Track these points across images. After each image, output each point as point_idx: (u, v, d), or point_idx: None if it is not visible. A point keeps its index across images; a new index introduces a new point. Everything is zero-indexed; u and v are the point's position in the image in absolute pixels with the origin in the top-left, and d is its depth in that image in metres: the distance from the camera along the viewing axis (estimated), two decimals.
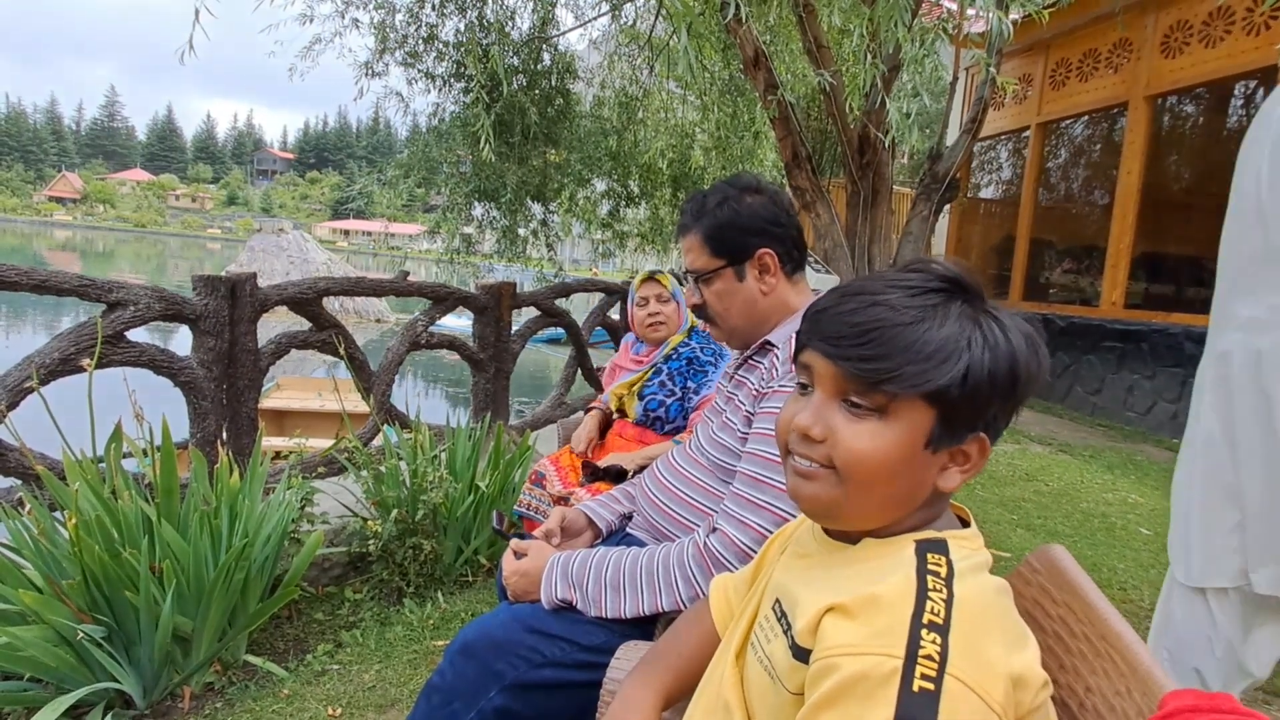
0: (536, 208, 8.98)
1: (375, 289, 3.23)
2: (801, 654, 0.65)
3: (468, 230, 8.85)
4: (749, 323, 1.30)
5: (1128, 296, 6.63)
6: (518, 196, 7.95)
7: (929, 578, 0.62)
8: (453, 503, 2.57)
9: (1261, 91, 5.95)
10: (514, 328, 3.95)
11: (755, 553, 1.07)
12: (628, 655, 0.96)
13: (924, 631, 0.58)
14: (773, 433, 1.11)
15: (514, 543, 1.30)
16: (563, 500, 2.08)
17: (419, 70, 7.84)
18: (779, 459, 1.09)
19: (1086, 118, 7.54)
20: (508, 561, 1.26)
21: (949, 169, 7.00)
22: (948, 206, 7.85)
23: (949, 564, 0.64)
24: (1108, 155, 7.26)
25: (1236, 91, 6.42)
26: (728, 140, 9.27)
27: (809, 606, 0.66)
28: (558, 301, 4.29)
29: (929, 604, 0.60)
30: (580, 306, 5.43)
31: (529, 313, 4.25)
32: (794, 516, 1.08)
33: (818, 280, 6.59)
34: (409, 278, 3.30)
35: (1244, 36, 5.62)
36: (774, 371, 1.18)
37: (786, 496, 1.08)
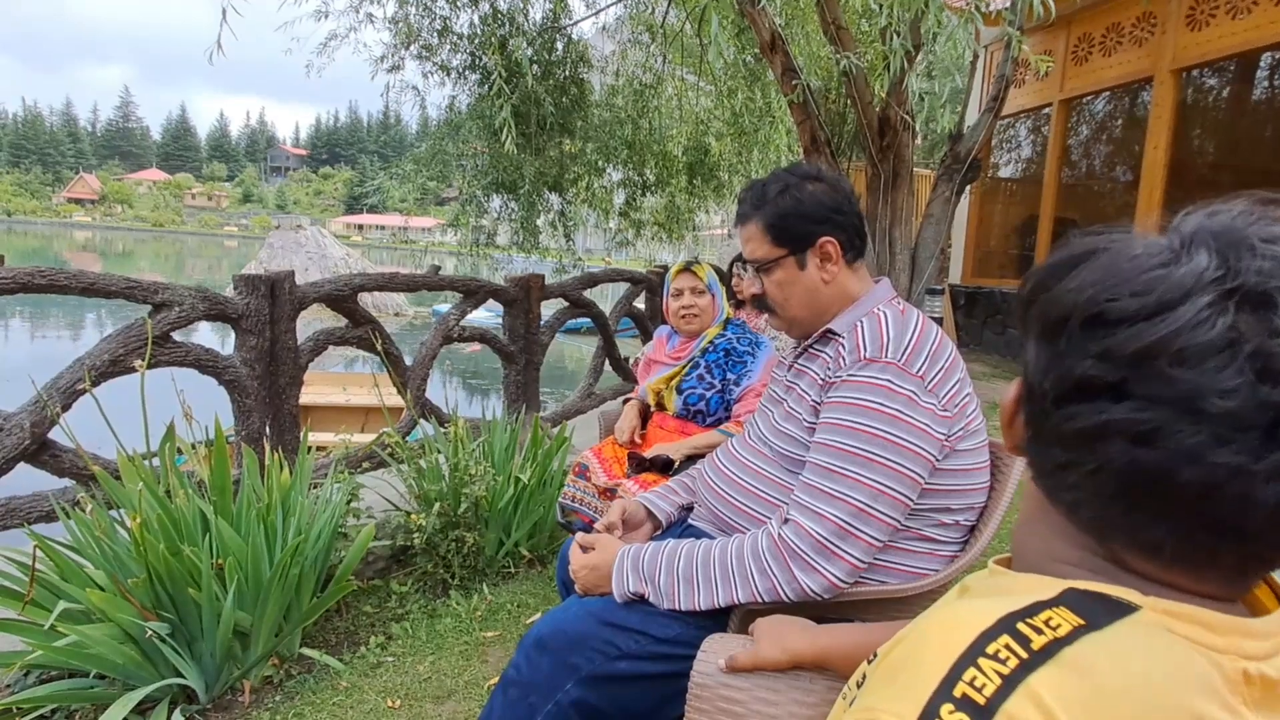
0: (554, 198, 8.98)
1: (409, 284, 3.25)
2: None
3: (484, 223, 8.87)
4: (810, 312, 1.30)
5: None
6: (535, 188, 7.96)
7: (1006, 636, 0.42)
8: (494, 495, 2.59)
9: None
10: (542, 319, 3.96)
11: (831, 544, 1.08)
12: (712, 648, 0.97)
13: (946, 707, 0.40)
14: (847, 422, 1.11)
15: (580, 536, 1.31)
16: (608, 492, 2.09)
17: (434, 63, 7.84)
18: (854, 448, 1.10)
19: (1110, 93, 7.42)
20: (575, 556, 1.27)
21: (970, 149, 6.91)
22: (969, 187, 7.77)
23: (1070, 632, 0.42)
24: (1132, 131, 7.14)
25: (1264, 63, 6.29)
26: (743, 126, 9.21)
27: None
28: (585, 293, 4.29)
29: (971, 673, 0.41)
30: (601, 297, 5.43)
31: (555, 304, 4.27)
32: (870, 507, 1.08)
33: None
34: (440, 271, 3.32)
35: (1272, 7, 5.50)
36: (841, 360, 1.17)
37: (861, 486, 1.08)
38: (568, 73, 8.55)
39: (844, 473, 1.09)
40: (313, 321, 3.08)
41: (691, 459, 2.01)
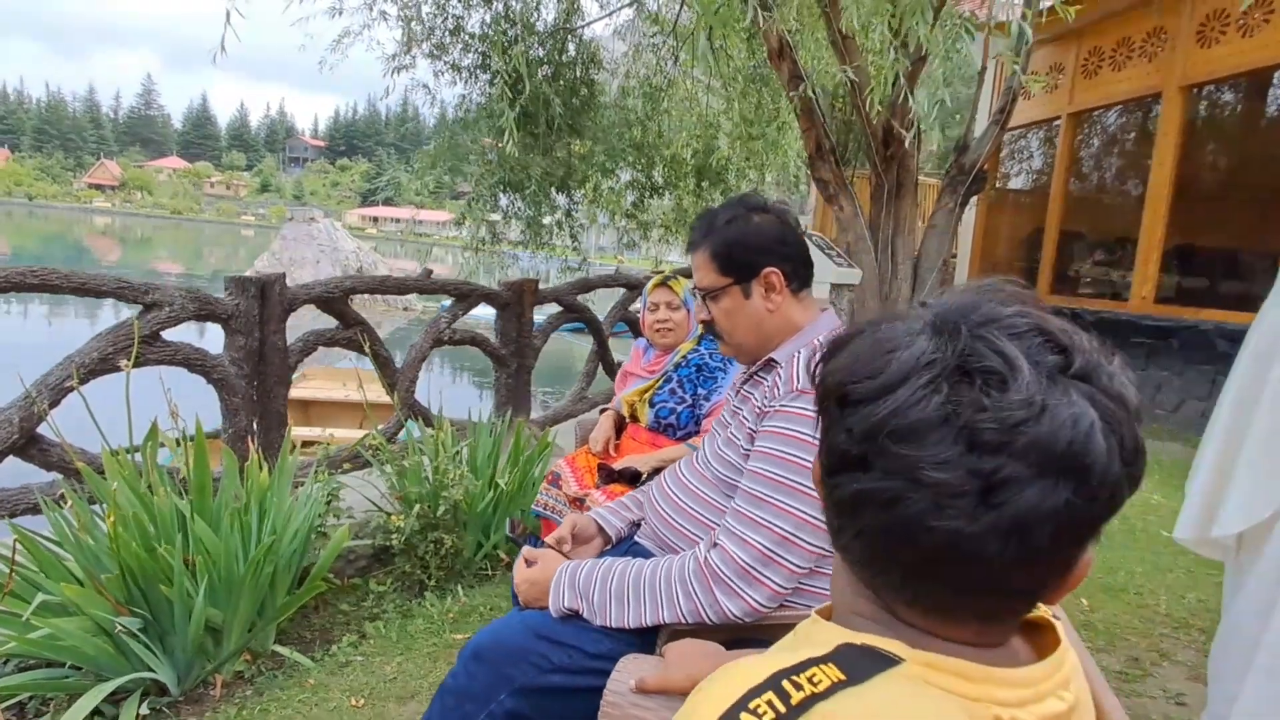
0: (561, 198, 9.03)
1: (400, 288, 3.31)
2: None
3: (494, 218, 8.94)
4: (755, 339, 1.33)
5: (1158, 291, 6.51)
6: (541, 187, 8.01)
7: (770, 692, 0.45)
8: (473, 499, 2.64)
9: None
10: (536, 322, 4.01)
11: (754, 570, 1.11)
12: (626, 668, 1.01)
13: None
14: (777, 452, 1.15)
15: (525, 550, 1.35)
16: (578, 501, 2.13)
17: (445, 62, 7.91)
18: (782, 478, 1.13)
19: (1120, 108, 7.39)
20: (519, 569, 1.32)
21: (976, 160, 6.90)
22: (976, 198, 7.76)
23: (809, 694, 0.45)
24: (1141, 146, 7.11)
25: (1276, 81, 6.24)
26: (752, 131, 9.22)
27: None
28: (579, 297, 4.34)
29: None
30: (602, 298, 5.47)
31: (551, 307, 4.31)
32: (794, 535, 1.12)
33: (838, 274, 6.52)
34: (432, 274, 3.37)
35: None
36: (776, 390, 1.21)
37: (786, 515, 1.12)
38: (578, 74, 8.59)
39: (771, 501, 1.13)
40: (321, 318, 3.11)
41: (658, 472, 2.04)
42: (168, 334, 2.60)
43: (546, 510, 2.29)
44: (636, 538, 1.45)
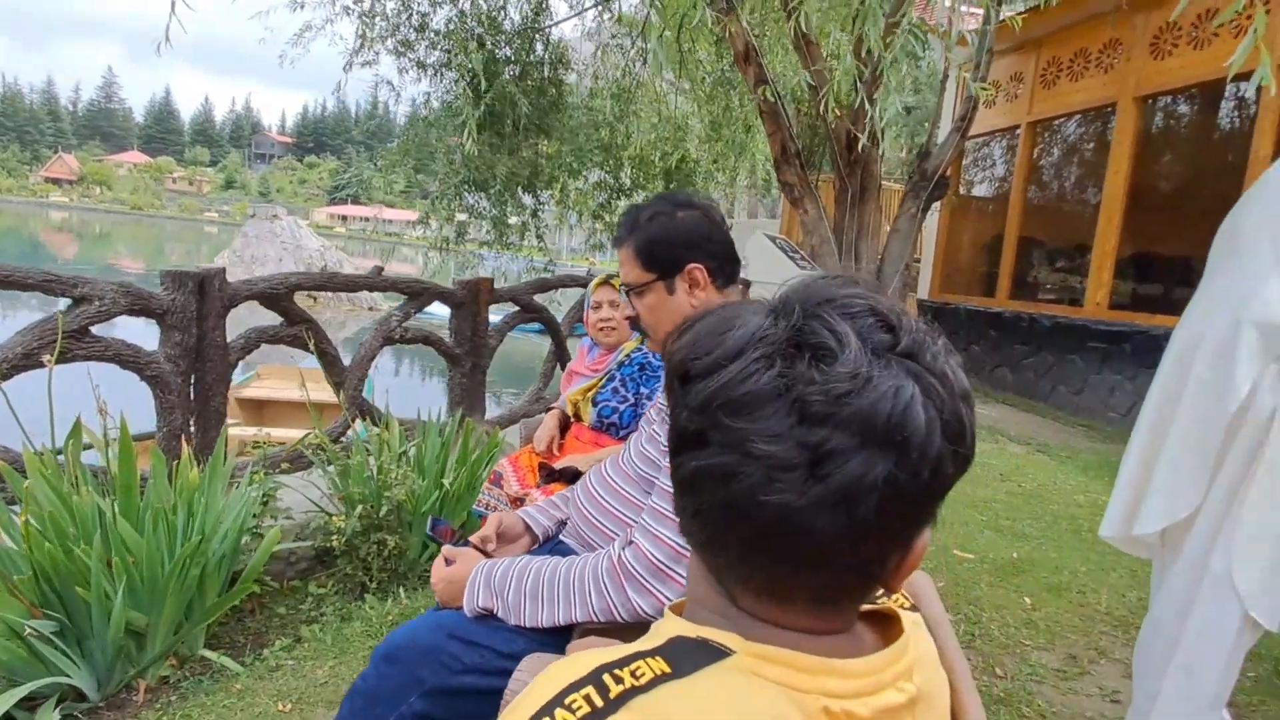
0: (528, 198, 8.98)
1: (348, 285, 3.25)
2: None
3: (462, 218, 8.86)
4: None
5: (1112, 297, 6.65)
6: (507, 187, 7.95)
7: (590, 686, 0.45)
8: (418, 499, 2.60)
9: (1252, 94, 5.93)
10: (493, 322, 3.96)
11: (666, 567, 1.09)
12: (530, 668, 0.98)
13: None
14: None
15: (445, 549, 1.32)
16: (519, 501, 2.10)
17: (410, 59, 7.82)
18: None
19: (1078, 117, 7.54)
20: (437, 568, 1.29)
21: (938, 166, 7.00)
22: (937, 204, 7.86)
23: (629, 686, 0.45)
24: (1097, 155, 7.26)
25: (1226, 93, 6.41)
26: (719, 134, 9.25)
27: None
28: (537, 297, 4.30)
29: None
30: (572, 298, 5.42)
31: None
32: None
33: (801, 277, 6.60)
34: (383, 271, 3.32)
35: (1231, 40, 5.61)
36: None
37: None
38: (546, 74, 8.54)
39: None
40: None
41: None
42: (121, 330, 2.52)
43: (488, 510, 2.25)
44: (561, 537, 1.43)
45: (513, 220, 8.61)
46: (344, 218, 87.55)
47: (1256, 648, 2.30)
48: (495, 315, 4.13)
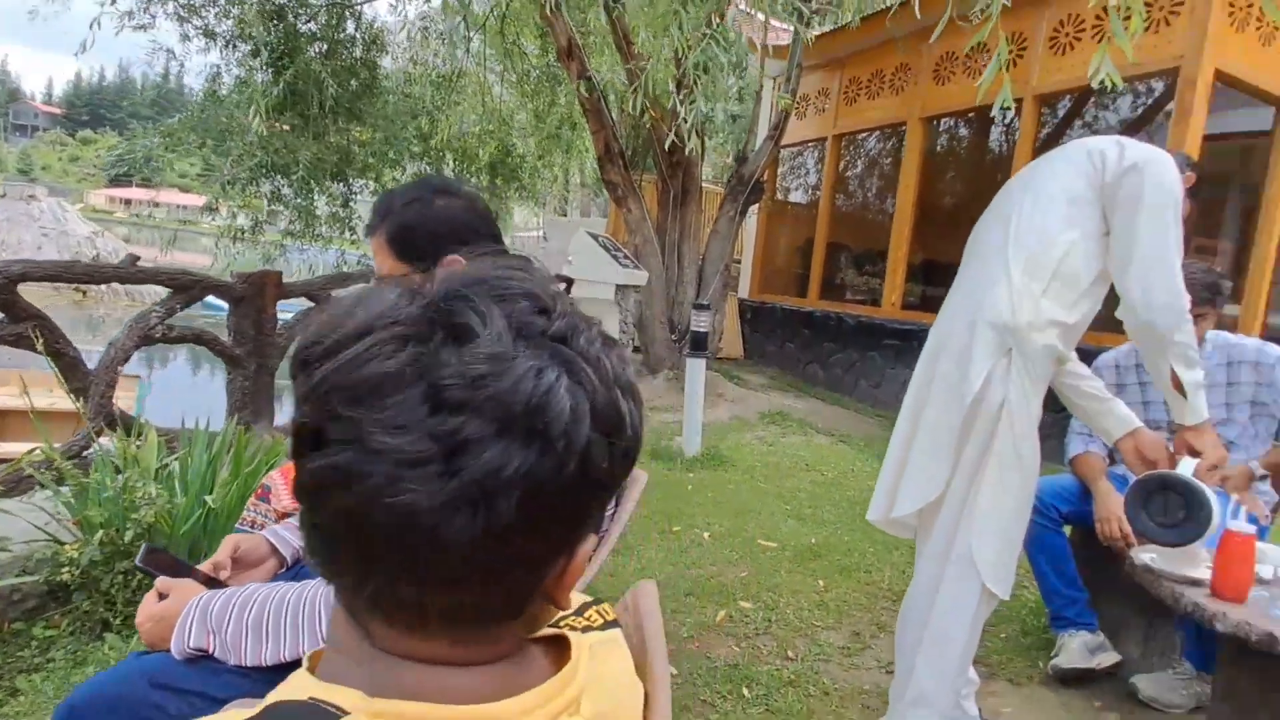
0: (339, 187, 8.37)
1: (91, 275, 2.78)
2: None
3: (259, 204, 8.07)
4: None
5: (905, 299, 7.30)
6: (311, 174, 7.34)
7: None
8: (174, 520, 2.27)
9: (1017, 120, 6.71)
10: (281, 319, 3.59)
11: None
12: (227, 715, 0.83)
13: None
14: None
15: (159, 581, 1.11)
16: (286, 517, 1.87)
17: (196, 26, 7.01)
18: None
19: (876, 133, 8.21)
20: (146, 605, 1.08)
21: (754, 171, 7.34)
22: (754, 207, 8.26)
23: None
24: (893, 169, 7.94)
25: (995, 117, 7.24)
26: (544, 129, 9.14)
27: None
28: (335, 293, 3.96)
29: None
30: None
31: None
32: None
33: (624, 275, 6.60)
34: (139, 261, 2.88)
35: (998, 71, 6.32)
36: None
37: None
38: (358, 54, 8.00)
39: None
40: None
41: None
42: None
43: (254, 528, 2.00)
44: None
45: (322, 210, 7.98)
46: (127, 201, 77.07)
47: (1003, 610, 2.56)
48: (288, 312, 3.77)
